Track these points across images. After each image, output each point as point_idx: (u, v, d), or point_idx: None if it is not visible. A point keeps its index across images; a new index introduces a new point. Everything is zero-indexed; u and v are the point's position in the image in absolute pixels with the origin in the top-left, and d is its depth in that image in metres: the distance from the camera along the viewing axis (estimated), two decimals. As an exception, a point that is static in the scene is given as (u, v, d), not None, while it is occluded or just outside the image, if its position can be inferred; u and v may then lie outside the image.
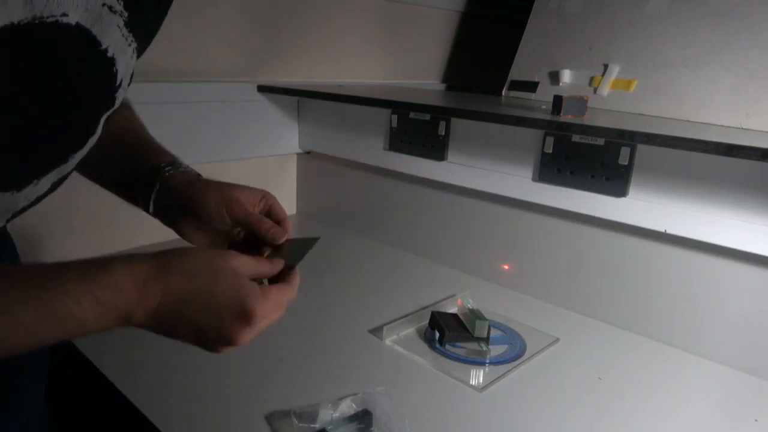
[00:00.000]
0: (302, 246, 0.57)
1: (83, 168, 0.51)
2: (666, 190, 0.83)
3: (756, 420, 0.69)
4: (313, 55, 1.36)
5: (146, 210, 0.60)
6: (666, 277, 0.85)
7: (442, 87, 1.71)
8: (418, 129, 1.10)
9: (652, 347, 0.85)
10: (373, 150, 1.18)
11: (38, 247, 0.97)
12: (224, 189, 0.59)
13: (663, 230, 0.82)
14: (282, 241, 0.57)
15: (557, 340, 0.84)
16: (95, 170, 0.61)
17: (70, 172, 0.46)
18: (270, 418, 0.62)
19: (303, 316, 0.88)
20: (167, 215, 0.59)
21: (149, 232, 1.12)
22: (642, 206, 0.84)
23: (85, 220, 1.02)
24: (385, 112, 1.15)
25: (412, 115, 1.11)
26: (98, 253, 1.03)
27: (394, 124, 1.14)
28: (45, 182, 0.44)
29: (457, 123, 1.05)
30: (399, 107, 1.11)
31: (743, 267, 0.78)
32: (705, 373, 0.79)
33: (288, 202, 1.36)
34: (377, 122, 1.17)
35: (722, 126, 0.99)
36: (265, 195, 0.60)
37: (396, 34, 1.54)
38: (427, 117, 1.08)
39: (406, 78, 1.59)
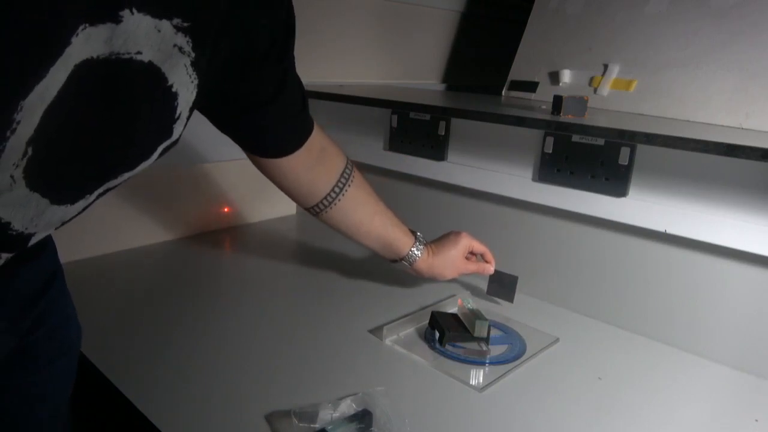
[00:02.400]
0: (508, 279, 0.95)
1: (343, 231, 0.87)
2: (666, 190, 0.83)
3: (756, 420, 0.69)
4: (313, 55, 1.35)
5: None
6: (666, 277, 0.85)
7: (442, 87, 1.71)
8: (418, 129, 1.10)
9: (652, 347, 0.85)
10: (373, 150, 1.18)
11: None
12: (445, 259, 0.91)
13: (663, 230, 0.82)
14: (492, 272, 0.95)
15: (557, 340, 0.84)
16: (355, 237, 0.88)
17: (116, 186, 0.50)
18: (270, 418, 0.62)
19: (303, 316, 0.88)
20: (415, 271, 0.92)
21: (149, 232, 1.13)
22: (642, 206, 0.84)
23: (86, 221, 1.01)
24: (385, 112, 1.15)
25: (412, 115, 1.11)
26: (99, 252, 1.04)
27: (394, 124, 1.14)
28: (94, 196, 0.48)
29: (457, 123, 1.05)
30: (399, 107, 1.11)
31: (743, 267, 0.78)
32: (705, 373, 0.79)
33: (288, 202, 1.36)
34: (377, 122, 1.17)
35: (722, 126, 0.99)
36: (468, 243, 0.93)
37: (396, 34, 1.54)
38: (427, 117, 1.08)
39: (406, 78, 1.59)
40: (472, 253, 0.94)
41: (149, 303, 0.90)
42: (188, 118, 0.50)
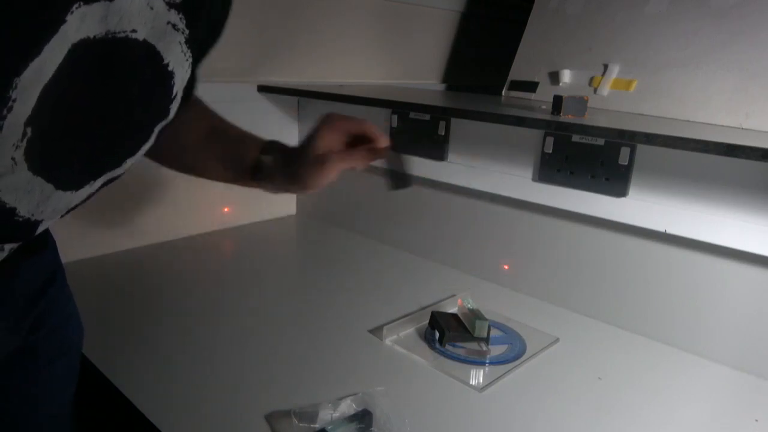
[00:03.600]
0: (395, 159, 0.69)
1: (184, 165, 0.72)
2: (666, 190, 0.83)
3: (756, 420, 0.69)
4: (313, 55, 1.35)
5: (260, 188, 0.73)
6: (666, 277, 0.85)
7: (442, 87, 1.71)
8: (418, 129, 1.10)
9: (652, 347, 0.85)
10: (373, 150, 1.18)
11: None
12: (308, 159, 0.68)
13: (663, 230, 0.82)
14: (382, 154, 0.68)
15: (557, 340, 0.84)
16: (200, 166, 0.75)
17: (121, 175, 0.50)
18: (270, 418, 0.62)
19: (303, 316, 0.88)
20: (279, 188, 0.72)
21: (149, 232, 1.13)
22: (642, 206, 0.84)
23: (86, 221, 1.02)
24: (385, 112, 1.15)
25: (412, 115, 1.11)
26: (99, 252, 1.04)
27: (394, 124, 1.14)
28: (98, 183, 0.48)
29: (457, 123, 1.05)
30: (399, 107, 1.11)
31: (743, 267, 0.78)
32: (705, 373, 0.79)
33: (288, 203, 1.36)
34: (377, 122, 1.17)
35: (722, 126, 0.99)
36: (331, 128, 0.69)
37: (396, 34, 1.54)
38: (427, 117, 1.08)
39: (406, 78, 1.59)
40: (360, 139, 0.70)
41: (149, 303, 0.90)
42: (182, 98, 0.50)
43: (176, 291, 0.95)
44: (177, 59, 0.46)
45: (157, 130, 0.49)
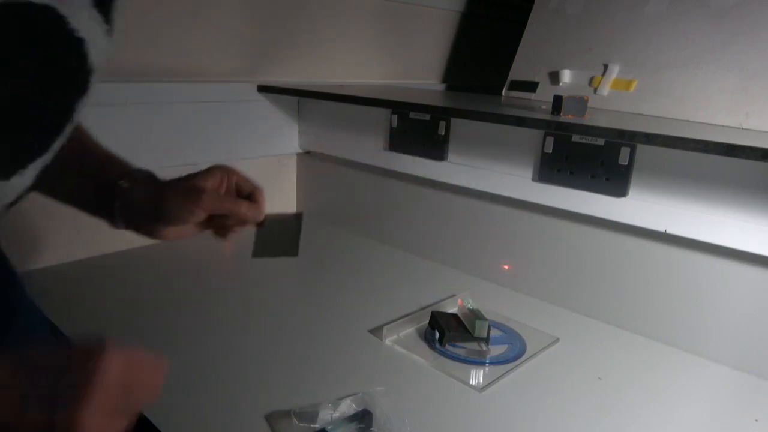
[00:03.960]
0: (287, 225, 0.63)
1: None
2: (666, 190, 0.83)
3: (756, 420, 0.69)
4: (313, 55, 1.35)
5: (110, 222, 0.62)
6: (666, 277, 0.85)
7: (442, 87, 1.71)
8: (418, 129, 1.10)
9: (652, 347, 0.85)
10: (373, 150, 1.18)
11: (36, 248, 0.97)
12: (185, 186, 0.60)
13: (663, 230, 0.82)
14: (262, 218, 0.62)
15: (557, 340, 0.84)
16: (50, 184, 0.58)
17: (52, 164, 0.46)
18: (270, 418, 0.62)
19: (303, 316, 0.88)
20: (133, 224, 0.62)
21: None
22: (642, 206, 0.84)
23: (85, 220, 1.01)
24: (385, 112, 1.15)
25: (412, 115, 1.11)
26: (98, 252, 1.04)
27: (394, 124, 1.14)
28: (29, 174, 0.44)
29: (457, 123, 1.05)
30: (399, 107, 1.11)
31: (743, 267, 0.78)
32: (705, 373, 0.79)
33: (288, 202, 1.36)
34: (377, 122, 1.17)
35: (722, 126, 0.99)
36: (225, 172, 0.62)
37: (396, 34, 1.54)
38: (427, 117, 1.08)
39: (406, 78, 1.59)
40: (243, 194, 0.64)
41: (148, 303, 0.90)
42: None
43: (175, 291, 0.95)
44: (86, 25, 0.42)
45: (78, 107, 0.45)
